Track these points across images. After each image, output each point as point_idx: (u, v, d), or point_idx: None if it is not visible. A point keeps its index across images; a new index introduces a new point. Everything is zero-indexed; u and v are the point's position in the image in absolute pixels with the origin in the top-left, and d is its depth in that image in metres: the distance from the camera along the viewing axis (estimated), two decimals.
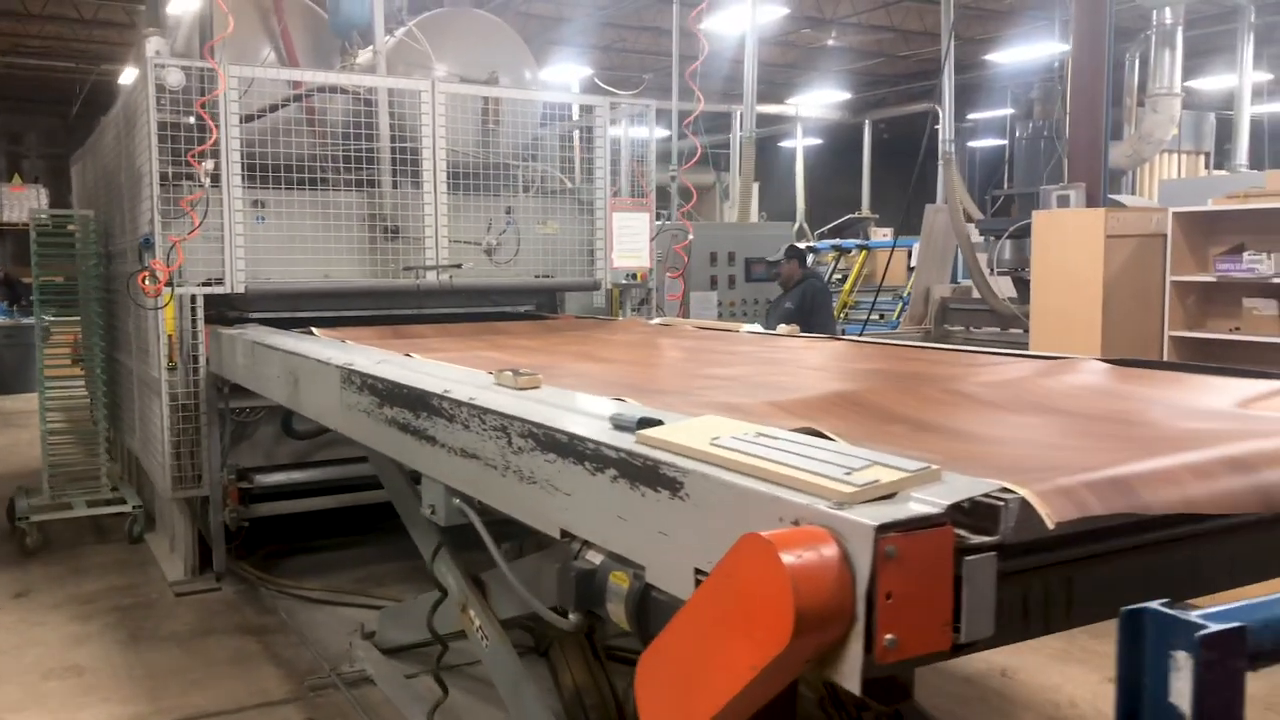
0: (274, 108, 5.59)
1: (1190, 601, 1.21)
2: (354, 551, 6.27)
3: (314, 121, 5.86)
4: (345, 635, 4.91)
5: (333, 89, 5.78)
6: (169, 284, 5.17)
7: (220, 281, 5.39)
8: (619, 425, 2.07)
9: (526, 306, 6.73)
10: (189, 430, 5.46)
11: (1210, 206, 5.96)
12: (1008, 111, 17.10)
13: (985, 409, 2.50)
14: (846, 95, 23.57)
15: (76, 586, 5.75)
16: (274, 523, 6.01)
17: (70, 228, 7.15)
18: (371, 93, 5.88)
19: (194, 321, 5.39)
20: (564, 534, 2.13)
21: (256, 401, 5.46)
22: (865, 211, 23.36)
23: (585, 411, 2.28)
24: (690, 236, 6.58)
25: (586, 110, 6.53)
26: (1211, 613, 1.06)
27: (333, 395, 3.45)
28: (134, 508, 6.66)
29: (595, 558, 2.04)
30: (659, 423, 2.03)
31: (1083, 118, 6.65)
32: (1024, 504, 1.50)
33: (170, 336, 5.34)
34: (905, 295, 14.37)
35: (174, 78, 5.14)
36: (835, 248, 16.37)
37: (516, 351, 4.02)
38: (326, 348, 3.98)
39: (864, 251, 15.85)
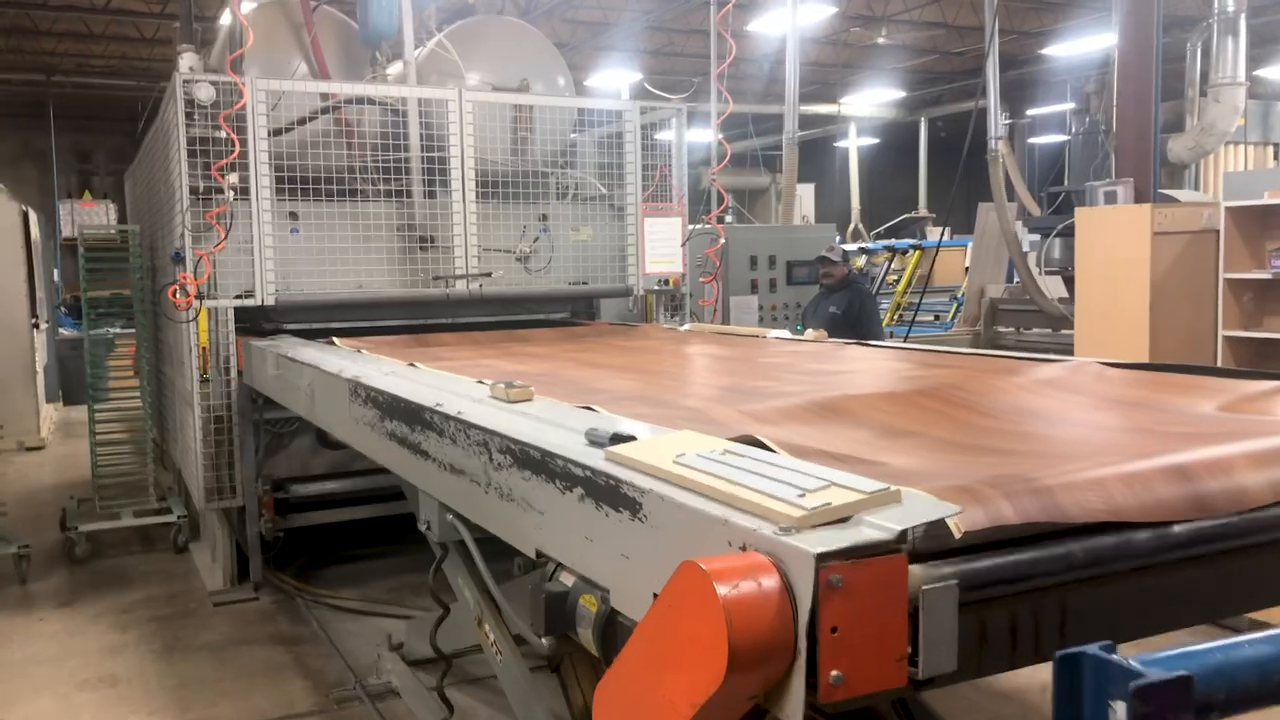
0: (302, 120, 5.62)
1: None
2: (390, 561, 6.29)
3: (346, 133, 5.89)
4: (376, 646, 4.91)
5: (361, 100, 5.80)
6: (199, 297, 5.22)
7: (252, 294, 5.43)
8: (593, 441, 2.01)
9: (561, 314, 6.70)
10: (223, 441, 5.52)
11: (1266, 200, 5.70)
12: (1068, 106, 16.71)
13: (966, 415, 2.41)
14: (901, 94, 23.21)
15: (119, 596, 5.85)
16: (314, 532, 6.06)
17: (119, 243, 7.30)
18: (402, 103, 5.90)
19: (227, 334, 5.45)
20: (539, 554, 2.07)
21: (290, 412, 5.49)
22: (922, 210, 23.03)
23: (566, 426, 2.22)
24: (722, 240, 6.47)
25: (627, 114, 6.46)
26: (1155, 659, 0.96)
27: (343, 408, 3.44)
28: (179, 517, 6.76)
29: (569, 579, 1.98)
30: (633, 439, 1.96)
31: (1130, 111, 6.42)
32: None
33: (203, 349, 5.40)
34: (960, 296, 14.10)
35: (204, 93, 5.20)
36: (888, 248, 16.11)
37: (525, 360, 3.99)
38: (340, 359, 3.97)
39: (918, 251, 15.59)
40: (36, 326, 10.89)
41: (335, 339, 4.79)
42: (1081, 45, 16.67)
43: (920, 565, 1.41)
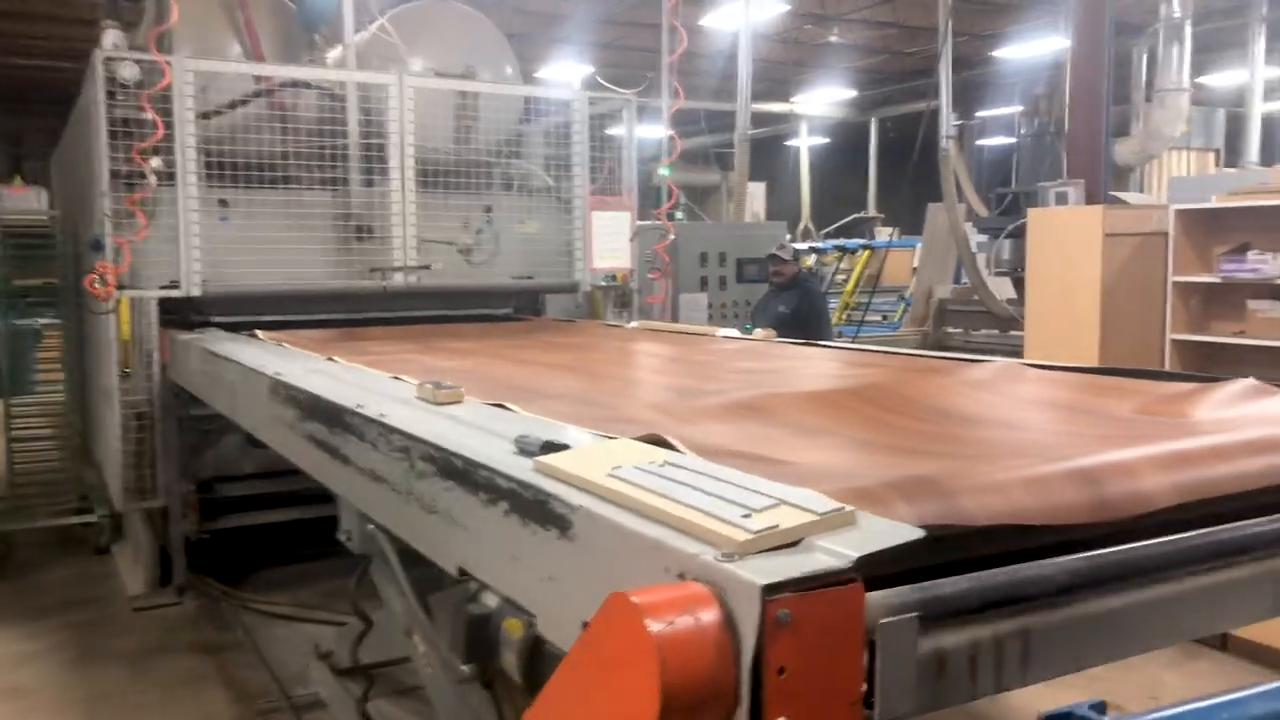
0: (233, 104, 5.38)
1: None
2: (324, 564, 6.01)
3: (282, 118, 5.65)
4: (305, 654, 4.69)
5: (295, 84, 5.56)
6: (120, 286, 4.96)
7: (178, 285, 5.18)
8: (522, 449, 1.84)
9: (505, 309, 6.51)
10: (145, 439, 5.25)
11: (1214, 204, 5.68)
12: (1016, 109, 16.82)
13: (884, 415, 2.36)
14: (852, 93, 23.26)
15: (33, 600, 5.55)
16: (245, 534, 5.81)
17: (41, 229, 6.97)
18: (341, 88, 5.68)
19: (150, 326, 5.18)
20: (461, 573, 1.90)
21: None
22: (871, 211, 23.13)
23: (495, 432, 2.05)
24: (671, 236, 6.33)
25: (575, 104, 6.29)
26: (1153, 719, 0.82)
27: (263, 406, 3.24)
28: (100, 517, 6.46)
29: (494, 600, 1.82)
30: (565, 447, 1.80)
31: (1082, 113, 6.40)
32: None
33: (125, 341, 5.13)
34: (909, 296, 14.11)
35: (127, 71, 4.93)
36: (838, 248, 16.11)
37: (449, 355, 3.86)
38: (263, 355, 3.76)
39: (867, 252, 15.59)
40: None
41: (258, 332, 4.57)
42: (1030, 49, 16.78)
43: (875, 593, 1.27)
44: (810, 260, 16.12)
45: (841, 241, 16.95)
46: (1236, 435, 1.88)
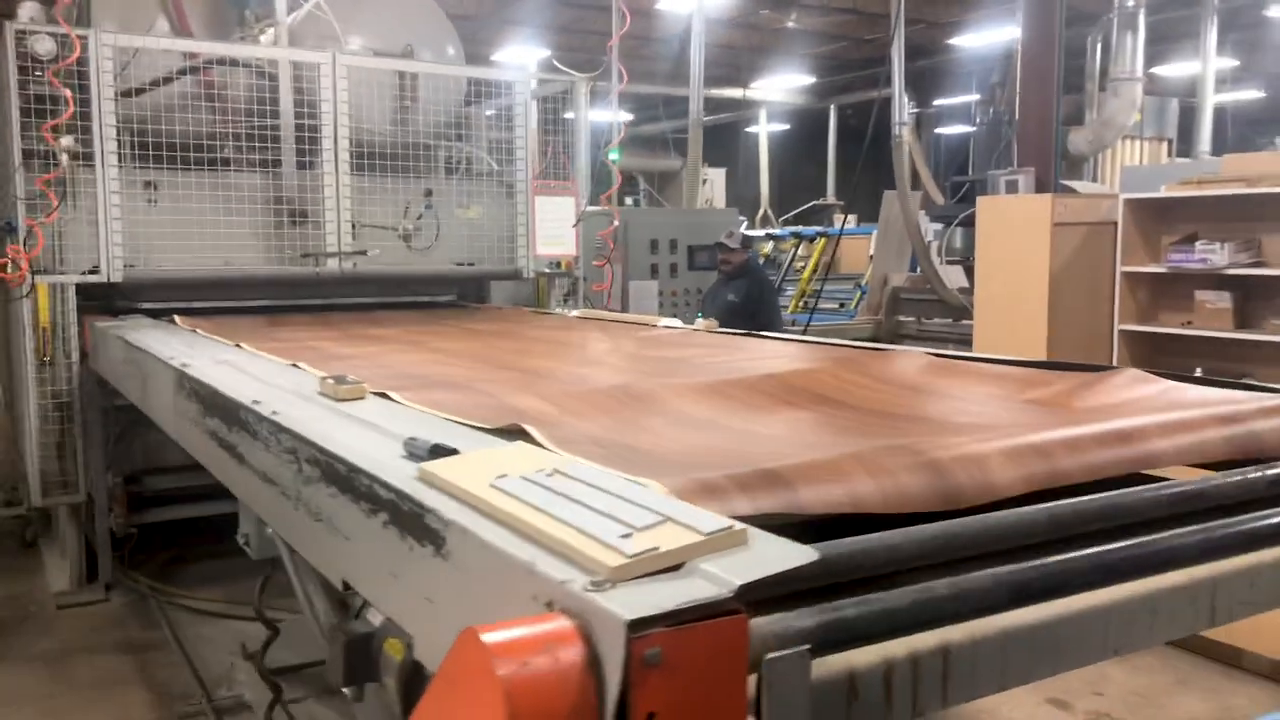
0: (155, 82, 5.16)
1: None
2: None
3: (211, 97, 5.44)
4: (232, 652, 4.53)
5: (222, 60, 5.35)
6: (35, 271, 4.75)
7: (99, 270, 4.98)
8: (411, 453, 1.71)
9: (448, 296, 6.35)
10: (65, 431, 5.04)
11: (1163, 193, 5.64)
12: (973, 97, 16.82)
13: (771, 403, 2.32)
14: (811, 79, 23.19)
15: None
16: (179, 527, 5.63)
17: None
18: (273, 66, 5.47)
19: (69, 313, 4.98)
20: (346, 586, 1.77)
21: None
22: (830, 198, 23.10)
23: (391, 434, 1.91)
24: (616, 222, 6.20)
25: (519, 85, 6.12)
26: None
27: (169, 399, 3.07)
28: (27, 510, 6.22)
29: (377, 618, 1.69)
30: (454, 451, 1.66)
31: (1033, 101, 6.34)
32: None
33: (44, 329, 4.92)
34: (865, 284, 14.07)
35: (42, 46, 4.70)
36: (795, 235, 16.04)
37: (362, 342, 3.77)
38: (177, 344, 3.58)
39: (824, 239, 15.53)
40: None
41: (176, 318, 4.39)
42: (988, 36, 16.80)
43: (765, 619, 1.15)
44: (767, 247, 16.04)
45: (798, 228, 16.89)
46: (1100, 425, 1.86)
